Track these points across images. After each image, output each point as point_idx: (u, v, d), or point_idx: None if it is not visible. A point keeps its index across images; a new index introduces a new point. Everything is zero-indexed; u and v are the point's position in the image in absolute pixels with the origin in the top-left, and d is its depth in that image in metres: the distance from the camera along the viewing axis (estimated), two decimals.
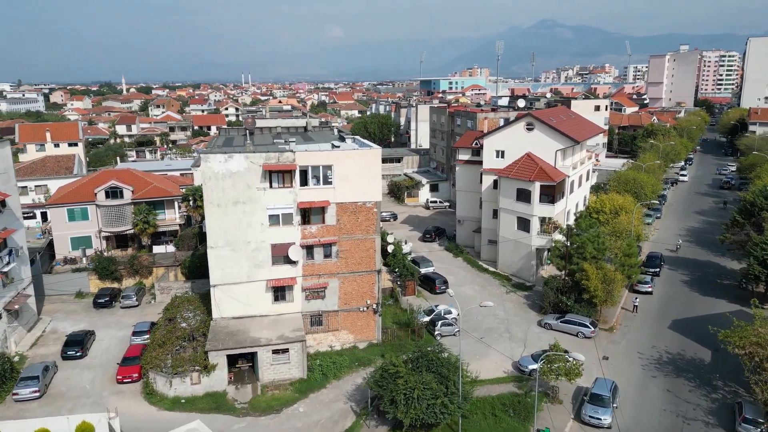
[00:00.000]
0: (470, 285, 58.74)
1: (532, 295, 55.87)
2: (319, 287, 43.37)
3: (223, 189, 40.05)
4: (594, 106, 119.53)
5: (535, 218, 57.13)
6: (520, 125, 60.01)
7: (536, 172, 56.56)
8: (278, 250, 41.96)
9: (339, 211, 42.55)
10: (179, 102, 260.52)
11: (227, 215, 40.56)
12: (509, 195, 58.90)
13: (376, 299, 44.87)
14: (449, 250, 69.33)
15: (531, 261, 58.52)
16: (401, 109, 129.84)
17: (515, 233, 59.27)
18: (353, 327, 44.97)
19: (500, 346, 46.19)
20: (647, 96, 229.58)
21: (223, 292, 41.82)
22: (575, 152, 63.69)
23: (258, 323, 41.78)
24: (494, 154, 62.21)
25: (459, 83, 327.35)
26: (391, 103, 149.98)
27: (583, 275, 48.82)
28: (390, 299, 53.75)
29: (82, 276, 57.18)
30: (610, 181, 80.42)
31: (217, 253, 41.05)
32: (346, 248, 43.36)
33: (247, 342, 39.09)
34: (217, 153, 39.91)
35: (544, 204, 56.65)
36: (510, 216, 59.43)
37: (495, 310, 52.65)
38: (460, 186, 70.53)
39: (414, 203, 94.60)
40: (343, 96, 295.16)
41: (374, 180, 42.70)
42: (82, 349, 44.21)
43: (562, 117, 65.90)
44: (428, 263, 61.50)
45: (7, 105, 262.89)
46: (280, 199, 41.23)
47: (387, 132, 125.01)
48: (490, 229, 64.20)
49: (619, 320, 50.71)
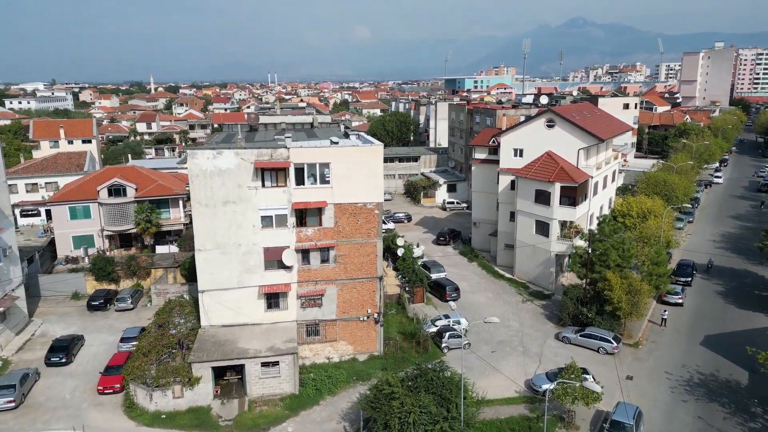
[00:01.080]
0: (484, 292, 54.97)
1: (550, 305, 51.86)
2: (315, 294, 40.26)
3: (212, 188, 37.22)
4: (623, 104, 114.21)
5: (554, 222, 53.07)
6: (539, 122, 55.99)
7: (556, 172, 52.52)
8: (271, 254, 38.97)
9: (337, 213, 39.38)
10: (203, 101, 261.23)
11: (216, 216, 37.74)
12: (527, 196, 54.95)
13: (377, 308, 41.56)
14: (464, 254, 65.62)
15: (550, 268, 54.47)
16: (420, 107, 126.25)
17: (533, 238, 55.29)
18: (352, 338, 41.73)
19: (512, 361, 42.42)
20: (680, 95, 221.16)
21: (212, 298, 39.01)
22: (600, 151, 59.33)
23: (249, 332, 38.86)
24: (512, 153, 58.29)
25: (484, 82, 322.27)
26: (410, 100, 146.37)
27: (606, 285, 44.73)
28: (392, 308, 50.31)
29: (78, 277, 55.20)
30: (639, 182, 75.57)
31: (205, 257, 38.26)
32: (345, 253, 40.15)
33: (234, 353, 36.16)
34: (204, 149, 37.10)
35: (564, 207, 52.57)
36: (528, 219, 55.48)
37: (509, 321, 48.86)
38: (476, 186, 66.71)
39: (430, 204, 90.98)
40: (366, 95, 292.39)
41: (375, 179, 39.39)
42: (67, 356, 41.90)
43: (586, 114, 61.57)
44: (440, 268, 57.92)
45: (37, 103, 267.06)
46: (274, 199, 38.24)
47: (405, 130, 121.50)
48: (506, 232, 60.29)
49: (646, 335, 46.39)
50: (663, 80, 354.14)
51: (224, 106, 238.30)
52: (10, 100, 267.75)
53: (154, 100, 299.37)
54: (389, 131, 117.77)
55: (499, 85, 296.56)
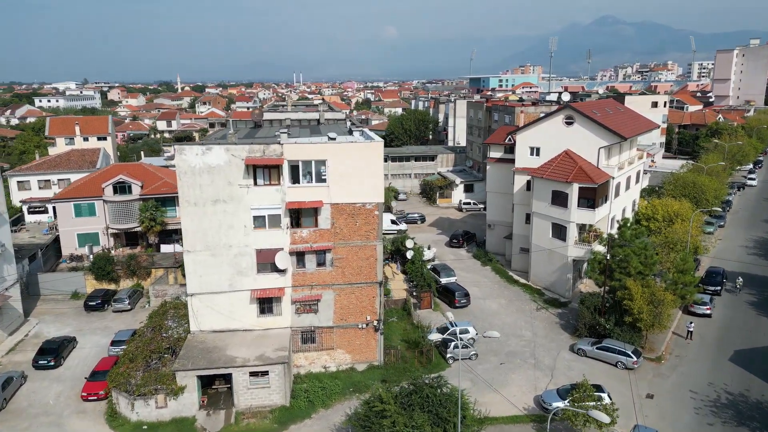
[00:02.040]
0: (496, 299, 52.01)
1: (566, 314, 48.67)
2: (311, 300, 37.95)
3: (201, 186, 35.19)
4: (651, 102, 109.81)
5: (572, 225, 49.85)
6: (557, 119, 52.78)
7: (575, 172, 49.30)
8: (264, 257, 36.79)
9: (334, 213, 37.00)
10: (226, 99, 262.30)
11: (206, 215, 35.70)
12: (543, 198, 51.81)
13: (377, 315, 39.05)
14: (477, 257, 62.65)
15: (567, 274, 51.24)
16: (440, 105, 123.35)
17: (550, 241, 52.12)
18: (351, 346, 39.31)
19: (522, 374, 39.48)
20: (713, 94, 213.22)
21: (202, 302, 37.01)
22: (622, 150, 55.81)
23: (240, 339, 36.75)
24: (528, 152, 55.17)
25: (509, 81, 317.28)
26: (430, 98, 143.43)
27: (626, 294, 41.49)
28: (393, 315, 47.76)
29: (78, 276, 54.01)
30: (666, 183, 71.53)
31: (194, 258, 36.27)
32: (343, 256, 37.75)
33: (220, 362, 34.06)
34: (193, 145, 35.09)
35: (583, 209, 49.31)
36: (544, 222, 52.33)
37: (521, 331, 45.88)
38: (491, 187, 63.69)
39: (446, 204, 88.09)
40: (389, 94, 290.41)
41: (375, 178, 36.90)
42: (56, 359, 40.43)
43: (608, 110, 58.04)
44: (450, 272, 55.13)
45: (65, 102, 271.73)
46: (266, 199, 36.04)
47: (424, 129, 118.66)
48: (522, 235, 57.18)
49: (669, 348, 42.93)
50: (695, 79, 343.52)
51: (246, 104, 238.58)
52: (40, 98, 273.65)
53: (178, 99, 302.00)
54: (407, 130, 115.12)
55: (525, 84, 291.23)
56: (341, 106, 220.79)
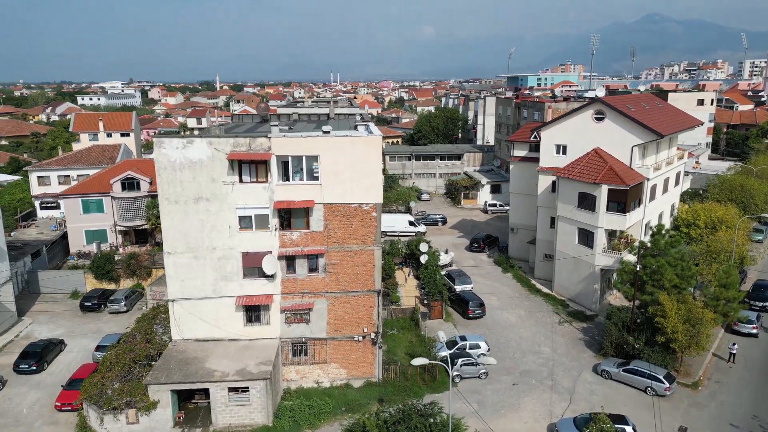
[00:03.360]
0: (515, 310, 47.73)
1: (591, 329, 44.06)
2: (301, 308, 34.67)
3: (182, 182, 32.35)
4: (697, 100, 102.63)
5: (600, 231, 45.18)
6: (586, 114, 48.11)
7: (604, 173, 44.61)
8: (251, 260, 33.71)
9: (327, 214, 33.62)
10: (260, 98, 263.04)
11: (187, 215, 32.85)
12: (569, 200, 47.26)
13: (374, 327, 35.47)
14: (498, 263, 58.31)
15: (594, 284, 46.56)
16: (469, 102, 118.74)
17: (575, 248, 47.53)
18: (346, 360, 35.86)
19: (536, 397, 35.27)
20: (765, 93, 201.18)
21: (185, 308, 34.19)
22: (660, 149, 50.65)
23: (223, 349, 33.77)
24: (553, 150, 50.66)
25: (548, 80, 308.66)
26: (460, 96, 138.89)
27: (658, 310, 36.80)
28: (395, 327, 44.08)
29: (78, 274, 52.26)
30: (710, 186, 65.47)
31: (175, 261, 33.47)
32: (337, 261, 34.33)
33: (197, 375, 31.10)
34: (173, 137, 32.27)
35: (612, 213, 44.58)
36: (569, 226, 47.77)
37: (539, 346, 41.57)
38: (514, 187, 59.24)
39: (471, 206, 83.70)
40: (423, 93, 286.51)
41: (373, 176, 33.35)
42: (38, 363, 38.33)
43: (645, 105, 52.89)
44: (465, 279, 51.09)
45: (107, 100, 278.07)
46: (253, 197, 32.95)
47: (453, 127, 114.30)
48: (546, 240, 52.64)
49: (708, 373, 37.95)
50: (747, 78, 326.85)
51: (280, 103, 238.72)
52: (82, 96, 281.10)
53: (215, 98, 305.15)
54: (434, 128, 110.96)
55: (564, 82, 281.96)
56: (374, 105, 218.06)
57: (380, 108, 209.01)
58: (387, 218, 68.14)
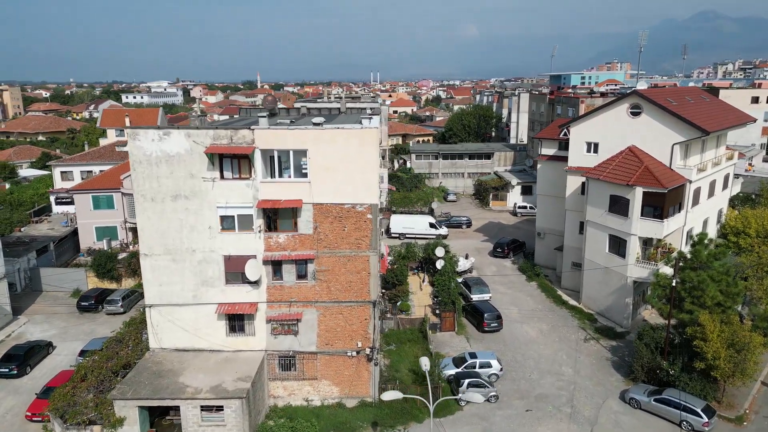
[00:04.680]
0: (536, 323, 43.36)
1: (621, 348, 39.35)
2: (289, 319, 31.46)
3: (158, 178, 29.62)
4: (750, 97, 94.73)
5: (633, 238, 40.39)
6: (621, 108, 43.32)
7: (639, 174, 39.82)
8: (234, 265, 30.72)
9: (317, 216, 30.30)
10: (295, 96, 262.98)
11: (165, 213, 30.11)
12: (599, 203, 42.60)
13: (370, 341, 31.93)
14: (523, 270, 53.83)
15: (625, 298, 41.77)
16: (503, 100, 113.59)
17: (606, 257, 42.83)
18: (338, 377, 32.46)
19: (553, 428, 31.06)
20: None
21: (163, 315, 31.47)
22: (706, 148, 45.34)
23: (203, 361, 30.90)
24: (584, 148, 46.02)
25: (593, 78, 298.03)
26: (494, 93, 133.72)
27: (698, 331, 32.02)
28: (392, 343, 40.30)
29: (79, 272, 50.63)
30: (764, 191, 59.16)
31: (152, 263, 30.77)
32: (328, 268, 30.97)
33: (167, 391, 28.25)
34: (149, 128, 29.55)
35: (648, 219, 39.74)
36: (600, 233, 43.11)
37: (560, 366, 37.20)
38: (541, 189, 54.66)
39: (500, 208, 79.06)
40: (461, 91, 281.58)
41: (368, 173, 29.84)
42: (20, 367, 36.39)
43: (688, 99, 47.57)
44: (483, 288, 46.99)
45: (150, 98, 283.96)
46: (235, 195, 29.95)
47: (485, 125, 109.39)
48: (574, 247, 47.99)
49: (755, 406, 32.86)
50: None
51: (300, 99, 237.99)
52: (126, 95, 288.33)
53: (253, 96, 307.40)
54: (466, 126, 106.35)
55: (609, 81, 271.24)
56: (409, 104, 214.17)
57: (415, 106, 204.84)
58: (406, 219, 64.58)
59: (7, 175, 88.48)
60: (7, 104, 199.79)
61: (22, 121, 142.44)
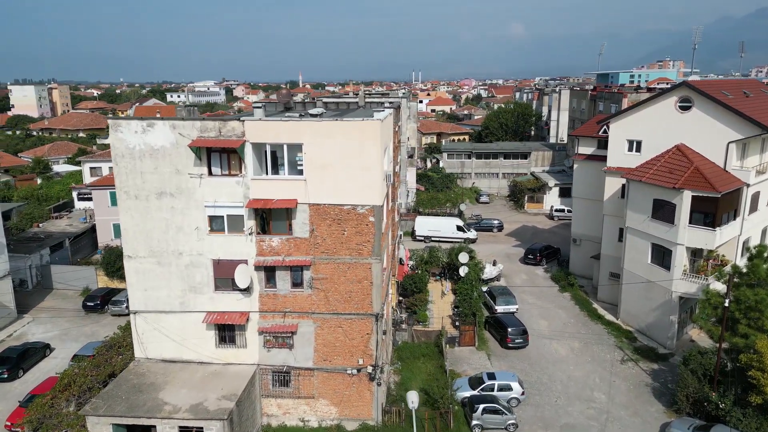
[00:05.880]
0: (567, 340, 39.13)
1: (663, 373, 34.79)
2: (283, 331, 28.46)
3: (142, 173, 27.10)
4: None
5: (680, 249, 35.73)
6: (668, 102, 38.65)
7: (688, 175, 35.16)
8: (223, 270, 27.96)
9: (314, 218, 27.19)
10: None
11: (149, 212, 27.59)
12: (641, 208, 38.06)
13: (372, 359, 28.61)
14: (556, 279, 49.47)
15: (670, 315, 37.10)
16: (543, 97, 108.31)
17: (648, 268, 38.25)
18: (337, 396, 29.27)
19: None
20: None
21: (148, 322, 29.00)
22: (766, 148, 40.08)
23: (188, 375, 28.24)
24: (625, 146, 41.49)
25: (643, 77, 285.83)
26: (534, 90, 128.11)
27: (755, 359, 27.39)
28: (398, 360, 36.77)
29: (89, 270, 49.25)
30: None
31: (136, 266, 28.32)
32: (326, 276, 27.82)
33: (143, 408, 25.64)
34: (132, 119, 27.06)
35: (698, 227, 35.04)
36: (641, 241, 38.56)
37: (593, 392, 33.01)
38: (578, 191, 50.11)
39: (536, 210, 74.46)
40: (503, 90, 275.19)
41: (370, 171, 26.50)
42: (11, 370, 34.76)
43: (746, 92, 42.31)
44: (509, 299, 42.99)
45: (193, 97, 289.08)
46: (225, 193, 27.15)
47: (524, 123, 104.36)
48: (613, 256, 43.46)
49: None
50: None
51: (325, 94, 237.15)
52: (171, 94, 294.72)
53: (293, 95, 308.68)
54: (503, 124, 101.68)
55: (661, 79, 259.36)
56: (447, 102, 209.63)
57: (454, 105, 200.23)
58: (432, 221, 61.00)
59: (41, 171, 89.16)
60: (56, 102, 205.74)
61: (64, 119, 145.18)
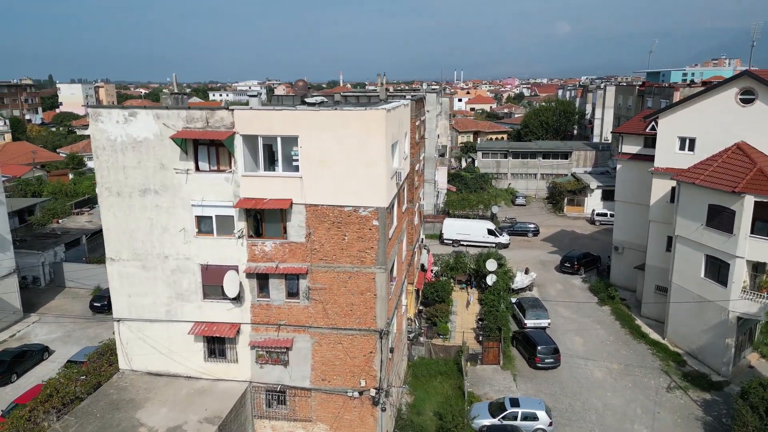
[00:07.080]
0: (605, 361, 34.85)
1: (717, 404, 30.21)
2: (277, 345, 25.45)
3: (125, 168, 24.58)
4: None
5: (739, 261, 31.04)
6: (727, 94, 33.95)
7: (750, 178, 30.48)
8: (212, 276, 25.16)
9: (311, 220, 24.07)
10: None
11: (132, 211, 25.06)
12: (694, 215, 33.48)
13: (376, 380, 25.29)
14: (595, 291, 45.06)
15: (726, 338, 32.39)
16: (587, 94, 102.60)
17: (700, 283, 33.63)
18: (337, 421, 26.08)
19: None
20: None
21: (132, 331, 26.51)
22: None
23: (174, 390, 25.59)
24: (676, 144, 36.88)
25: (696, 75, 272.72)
26: (578, 87, 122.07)
27: None
28: (408, 381, 33.21)
29: (101, 269, 47.33)
30: None
31: (120, 270, 25.86)
32: (325, 285, 24.65)
33: (115, 429, 23.02)
34: (113, 108, 24.59)
35: (761, 237, 30.32)
36: (693, 252, 33.95)
37: (632, 424, 28.84)
38: (620, 194, 45.55)
39: (576, 214, 69.61)
40: (546, 89, 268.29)
41: (374, 169, 23.18)
42: (3, 374, 33.03)
43: None
44: (540, 312, 38.91)
45: (234, 96, 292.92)
46: (213, 190, 24.35)
47: (566, 122, 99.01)
48: (659, 267, 38.84)
49: None
50: None
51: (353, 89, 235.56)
52: (213, 93, 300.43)
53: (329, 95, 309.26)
54: (544, 122, 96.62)
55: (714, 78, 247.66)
56: (487, 101, 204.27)
57: (494, 104, 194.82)
58: (461, 224, 57.23)
59: (74, 166, 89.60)
60: (102, 100, 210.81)
61: None
